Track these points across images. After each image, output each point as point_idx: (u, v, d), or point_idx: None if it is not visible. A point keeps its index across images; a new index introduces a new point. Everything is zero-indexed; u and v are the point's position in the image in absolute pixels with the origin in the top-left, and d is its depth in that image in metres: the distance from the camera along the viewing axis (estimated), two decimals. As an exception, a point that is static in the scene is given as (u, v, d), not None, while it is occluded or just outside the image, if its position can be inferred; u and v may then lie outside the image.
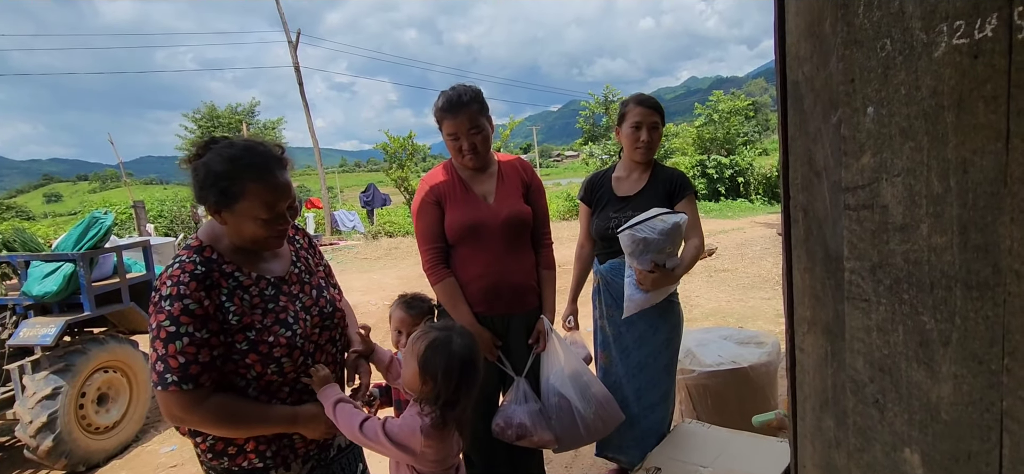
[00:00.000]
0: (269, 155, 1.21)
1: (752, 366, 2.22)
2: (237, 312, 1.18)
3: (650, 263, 1.75)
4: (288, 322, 1.24)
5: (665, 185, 1.94)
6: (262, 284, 1.25)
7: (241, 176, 1.17)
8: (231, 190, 1.16)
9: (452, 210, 1.85)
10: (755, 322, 4.58)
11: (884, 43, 0.83)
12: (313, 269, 1.40)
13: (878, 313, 0.88)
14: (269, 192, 1.18)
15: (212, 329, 1.15)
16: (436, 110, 1.83)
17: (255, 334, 1.19)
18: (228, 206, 1.18)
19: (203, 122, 28.66)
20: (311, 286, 1.35)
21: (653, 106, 1.94)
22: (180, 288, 1.13)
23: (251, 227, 1.19)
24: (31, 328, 3.02)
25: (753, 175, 16.82)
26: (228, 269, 1.21)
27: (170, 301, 1.12)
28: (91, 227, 3.18)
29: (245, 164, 1.17)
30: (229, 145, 1.21)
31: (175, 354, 1.11)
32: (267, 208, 1.18)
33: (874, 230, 0.87)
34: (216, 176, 1.17)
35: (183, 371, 1.12)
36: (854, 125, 0.88)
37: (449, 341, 1.29)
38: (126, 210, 12.19)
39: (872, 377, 0.91)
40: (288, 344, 1.23)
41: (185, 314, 1.12)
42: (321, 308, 1.33)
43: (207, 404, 1.14)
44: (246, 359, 1.19)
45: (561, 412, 1.82)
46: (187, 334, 1.12)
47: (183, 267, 1.16)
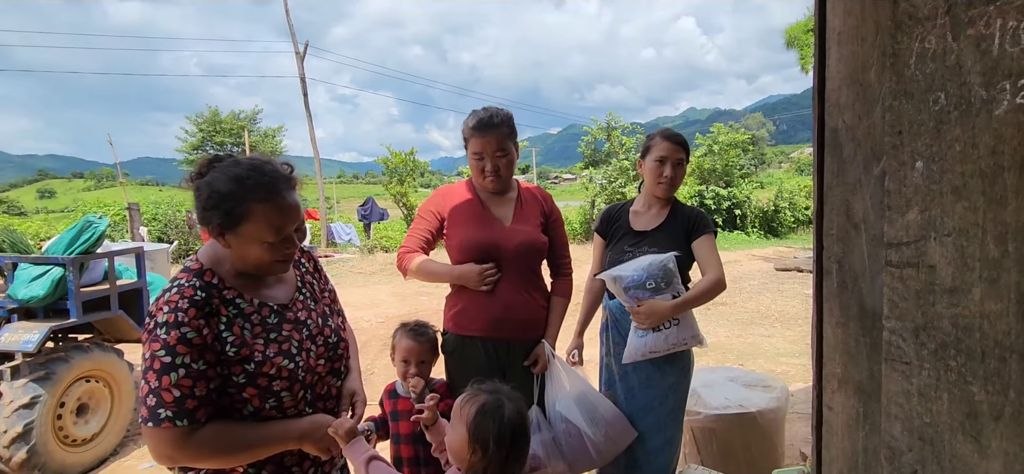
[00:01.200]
0: (277, 175, 1.14)
1: (760, 411, 2.15)
2: (235, 343, 1.10)
3: (634, 300, 1.74)
4: (291, 352, 1.16)
5: (684, 223, 1.90)
6: (264, 311, 1.17)
7: (247, 197, 1.09)
8: (236, 212, 1.09)
9: (466, 227, 1.82)
10: (755, 360, 4.52)
11: (938, 96, 0.79)
12: (318, 296, 1.32)
13: (920, 378, 0.83)
14: (276, 214, 1.11)
15: (209, 360, 1.06)
16: (465, 128, 1.82)
17: (254, 366, 1.11)
18: (232, 229, 1.10)
19: (205, 126, 28.66)
20: (316, 313, 1.27)
21: (680, 142, 1.91)
22: (178, 315, 1.05)
23: (256, 251, 1.12)
24: (13, 333, 2.91)
25: (750, 208, 16.92)
26: (229, 295, 1.13)
27: (167, 329, 1.04)
28: (84, 231, 3.10)
29: (252, 184, 1.10)
30: (234, 164, 1.13)
31: (169, 387, 1.03)
32: (274, 231, 1.11)
33: (919, 290, 0.82)
34: (220, 197, 1.09)
35: (178, 405, 1.03)
36: (900, 179, 0.84)
37: (500, 406, 1.21)
38: (120, 211, 12.05)
39: (911, 445, 0.86)
40: (289, 376, 1.15)
41: (182, 343, 1.04)
42: (326, 337, 1.25)
43: (200, 435, 1.06)
44: (243, 392, 1.11)
45: (570, 438, 1.77)
46: (184, 365, 1.03)
47: (182, 292, 1.08)
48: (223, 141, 28.81)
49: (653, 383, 1.86)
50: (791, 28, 11.83)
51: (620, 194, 15.68)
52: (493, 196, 1.87)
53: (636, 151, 17.75)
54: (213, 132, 28.69)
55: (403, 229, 15.38)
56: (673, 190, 1.90)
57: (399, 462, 1.81)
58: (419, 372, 1.80)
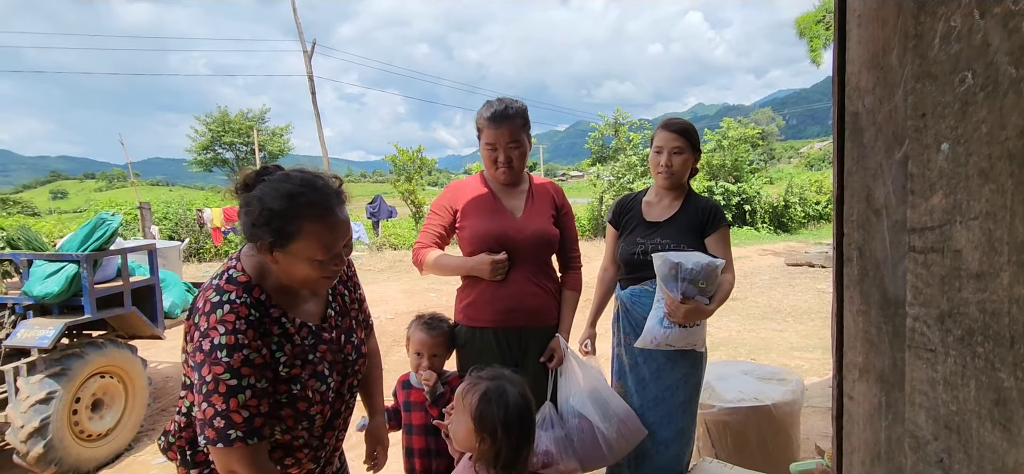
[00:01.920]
0: (329, 191, 1.11)
1: (776, 404, 2.12)
2: (287, 363, 1.10)
3: (680, 293, 1.67)
4: (323, 374, 1.17)
5: (698, 215, 1.87)
6: (304, 332, 1.16)
7: (299, 215, 1.06)
8: (287, 230, 1.06)
9: (477, 219, 1.82)
10: (768, 355, 4.49)
11: (964, 77, 0.77)
12: (347, 309, 1.31)
13: (946, 365, 0.81)
14: (328, 232, 1.08)
15: (269, 378, 1.07)
16: (479, 118, 1.81)
17: (298, 388, 1.11)
18: (283, 246, 1.07)
19: (214, 126, 28.89)
20: (341, 330, 1.26)
21: (678, 130, 1.87)
22: (238, 337, 1.03)
23: (304, 269, 1.09)
24: (29, 329, 2.95)
25: (760, 203, 16.78)
26: (275, 313, 1.12)
27: (229, 352, 1.02)
28: (98, 228, 3.13)
29: (304, 202, 1.06)
30: (285, 178, 1.10)
31: (238, 408, 1.02)
32: (325, 249, 1.08)
33: (944, 276, 0.80)
34: (272, 214, 1.05)
35: (248, 425, 1.03)
36: (924, 163, 0.82)
37: (502, 392, 1.19)
38: (131, 210, 12.18)
39: (936, 434, 0.84)
40: (321, 399, 1.15)
41: (246, 365, 1.03)
42: (346, 355, 1.25)
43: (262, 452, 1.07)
44: (281, 411, 1.11)
45: (582, 434, 1.75)
46: (250, 387, 1.03)
47: (237, 312, 1.05)
48: (232, 141, 29.05)
49: (664, 375, 1.84)
50: (801, 18, 11.69)
51: (628, 190, 15.59)
52: (505, 188, 1.87)
53: (644, 147, 17.71)
54: (222, 132, 28.92)
55: (411, 226, 15.41)
56: (675, 179, 1.87)
57: (411, 452, 1.81)
58: (432, 364, 1.80)
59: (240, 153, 29.58)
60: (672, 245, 1.82)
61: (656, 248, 1.84)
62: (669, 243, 1.83)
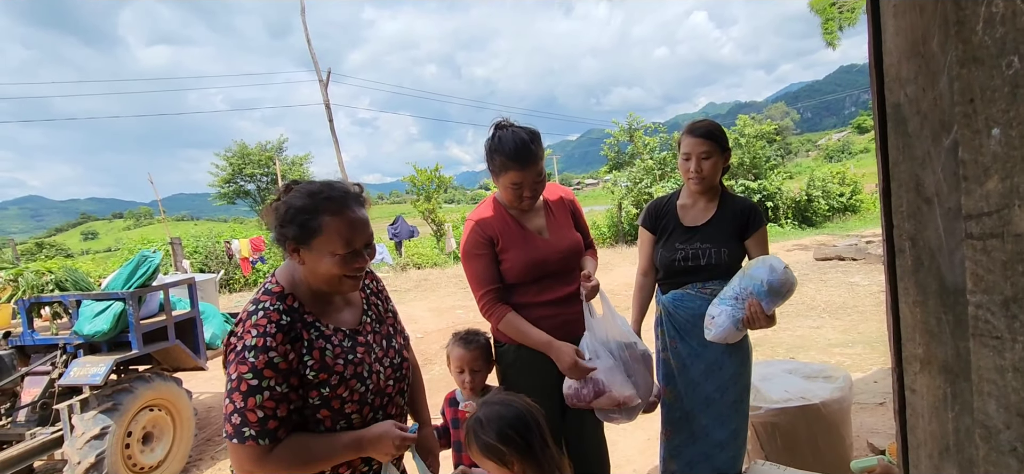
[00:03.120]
0: (346, 191, 1.21)
1: (824, 402, 2.08)
2: (314, 367, 1.16)
3: (773, 308, 1.65)
4: (362, 375, 1.22)
5: (738, 217, 1.86)
6: (339, 336, 1.23)
7: (319, 210, 1.16)
8: (310, 224, 1.16)
9: (512, 251, 1.79)
10: (807, 352, 4.39)
11: (1011, 60, 0.77)
12: (383, 317, 1.37)
13: (1014, 352, 0.80)
14: (346, 226, 1.17)
15: (293, 384, 1.13)
16: (497, 158, 1.72)
17: (329, 390, 1.17)
18: (306, 242, 1.17)
19: (234, 160, 29.62)
20: (381, 336, 1.32)
21: (703, 134, 1.85)
22: (267, 340, 1.11)
23: (327, 264, 1.17)
24: (81, 368, 3.06)
25: (782, 199, 16.49)
26: (309, 319, 1.19)
27: (255, 353, 1.10)
28: (141, 265, 3.25)
29: (323, 198, 1.17)
30: (309, 182, 1.22)
31: (255, 408, 1.09)
32: (344, 242, 1.17)
33: (1005, 260, 0.79)
34: (296, 210, 1.16)
35: (262, 425, 1.10)
36: (976, 148, 0.82)
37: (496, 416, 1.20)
38: (162, 246, 12.54)
39: (1008, 423, 0.82)
40: (360, 399, 1.21)
41: (269, 368, 1.10)
42: (391, 359, 1.31)
43: (277, 451, 1.12)
44: (317, 414, 1.17)
45: (635, 364, 1.69)
46: (268, 388, 1.10)
47: (269, 316, 1.14)
48: (253, 172, 29.71)
49: (713, 374, 1.83)
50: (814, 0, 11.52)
51: (647, 194, 15.49)
52: (524, 211, 1.85)
53: (660, 150, 17.60)
54: (242, 165, 29.62)
55: (433, 244, 15.53)
56: (707, 183, 1.86)
57: None
58: (473, 380, 1.82)
59: (261, 184, 30.24)
60: (713, 249, 1.82)
61: (697, 253, 1.83)
62: (710, 247, 1.82)
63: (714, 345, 1.79)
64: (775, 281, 1.62)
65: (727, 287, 1.73)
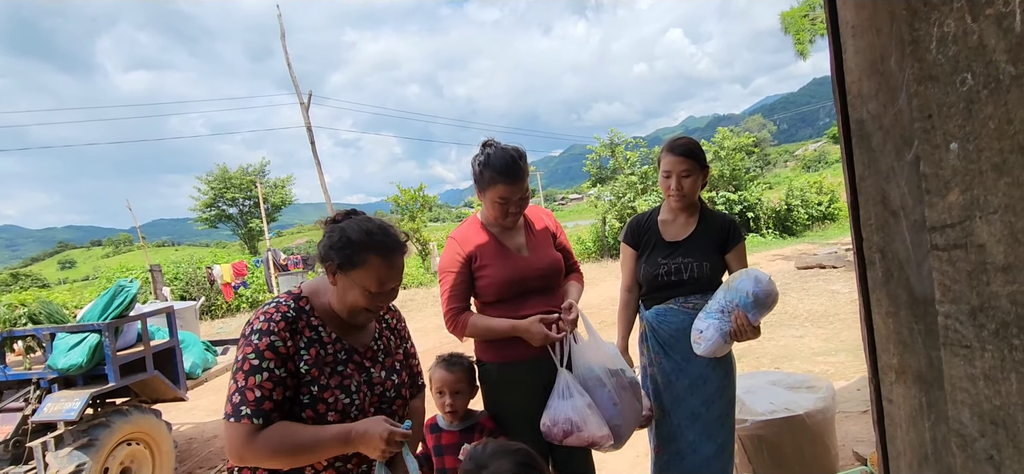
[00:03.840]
0: (397, 240, 1.31)
1: (808, 413, 2.10)
2: (309, 362, 1.22)
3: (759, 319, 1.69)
4: (349, 389, 1.27)
5: (718, 231, 1.89)
6: (338, 347, 1.29)
7: (368, 248, 1.25)
8: (355, 258, 1.24)
9: (491, 268, 1.82)
10: (791, 362, 4.43)
11: (964, 77, 0.80)
12: (392, 350, 1.43)
13: (984, 360, 0.81)
14: (386, 270, 1.26)
15: (289, 370, 1.20)
16: (487, 173, 1.75)
17: (317, 390, 1.22)
18: (346, 270, 1.25)
19: (216, 183, 29.28)
20: (382, 366, 1.37)
21: (684, 152, 1.86)
22: (270, 325, 1.20)
23: (355, 295, 1.25)
24: (55, 403, 2.96)
25: (762, 210, 16.77)
26: (314, 322, 1.27)
27: (259, 336, 1.18)
28: (117, 295, 3.17)
29: (377, 240, 1.26)
30: (368, 220, 1.31)
31: (254, 387, 1.16)
32: (378, 283, 1.25)
33: (970, 271, 0.81)
34: (348, 241, 1.25)
35: (258, 405, 1.15)
36: (936, 162, 0.84)
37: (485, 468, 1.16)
38: (141, 273, 12.27)
39: (983, 431, 0.84)
40: (343, 410, 1.24)
41: (270, 350, 1.17)
42: (384, 390, 1.35)
43: (266, 432, 1.16)
44: (303, 413, 1.22)
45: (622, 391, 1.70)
46: (267, 370, 1.17)
47: (278, 307, 1.24)
48: (235, 196, 29.37)
49: (698, 389, 1.84)
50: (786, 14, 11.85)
51: (631, 208, 15.64)
52: (505, 229, 1.88)
53: (641, 164, 17.84)
54: (224, 189, 29.27)
55: (418, 264, 15.45)
56: (686, 200, 1.89)
57: None
58: (454, 403, 1.80)
59: (243, 207, 29.88)
60: (695, 263, 1.84)
61: (680, 268, 1.85)
62: (692, 262, 1.84)
63: (698, 360, 1.80)
64: (760, 292, 1.64)
65: (712, 301, 1.75)
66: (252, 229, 28.97)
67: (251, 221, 29.15)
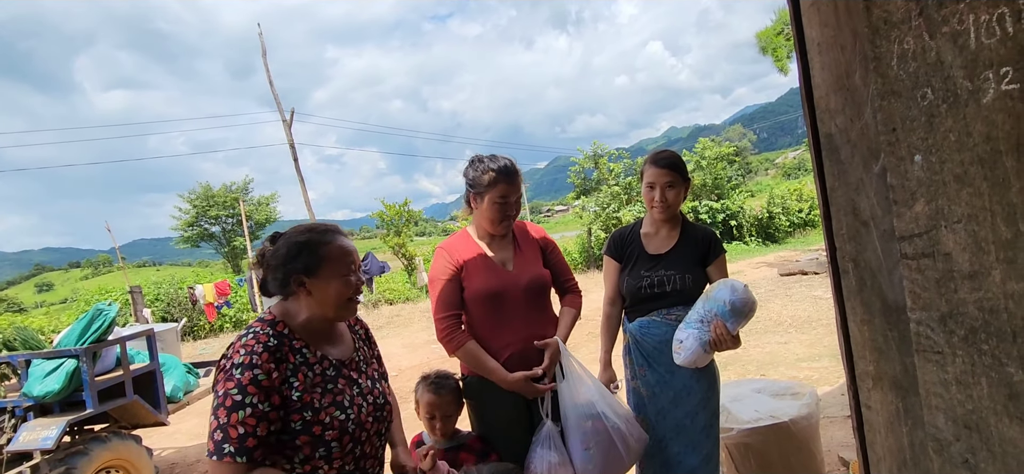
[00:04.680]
0: (331, 226, 1.36)
1: (793, 420, 2.12)
2: (300, 388, 1.20)
3: (738, 328, 1.70)
4: (344, 405, 1.25)
5: (699, 244, 1.92)
6: (325, 364, 1.27)
7: (320, 241, 1.28)
8: (316, 254, 1.26)
9: (473, 278, 1.84)
10: (776, 368, 4.48)
11: (924, 92, 0.83)
12: (368, 360, 1.43)
13: (955, 365, 0.83)
14: (346, 251, 1.30)
15: (274, 403, 1.16)
16: (487, 174, 1.81)
17: (311, 414, 1.19)
18: (315, 270, 1.26)
19: (198, 202, 28.87)
20: (366, 375, 1.38)
21: (668, 165, 1.90)
22: (252, 358, 1.15)
23: (337, 286, 1.26)
24: (31, 431, 2.87)
25: (745, 218, 17.02)
26: (297, 345, 1.25)
27: (241, 370, 1.14)
28: (95, 319, 3.10)
29: (320, 231, 1.30)
30: (295, 228, 1.33)
31: (236, 424, 1.11)
32: (347, 265, 1.29)
33: (938, 279, 0.84)
34: (300, 247, 1.27)
35: (240, 442, 1.11)
36: (902, 173, 0.87)
37: None
38: (121, 295, 12.01)
39: (957, 435, 0.86)
40: (340, 428, 1.22)
41: (253, 384, 1.13)
42: (375, 398, 1.35)
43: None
44: (297, 439, 1.18)
45: (598, 436, 1.71)
46: (251, 405, 1.12)
47: (258, 338, 1.19)
48: (218, 214, 28.97)
49: (682, 401, 1.84)
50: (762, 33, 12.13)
51: (615, 218, 15.77)
52: (493, 242, 1.89)
53: (625, 175, 18.03)
54: (207, 207, 28.87)
55: (404, 279, 15.34)
56: (670, 211, 1.91)
57: None
58: (445, 426, 1.79)
59: (226, 225, 29.47)
60: (677, 275, 1.86)
61: (662, 280, 1.86)
62: (675, 274, 1.86)
63: (682, 371, 1.81)
64: (737, 300, 1.67)
65: (691, 311, 1.77)
66: (236, 247, 28.53)
67: (234, 239, 28.73)
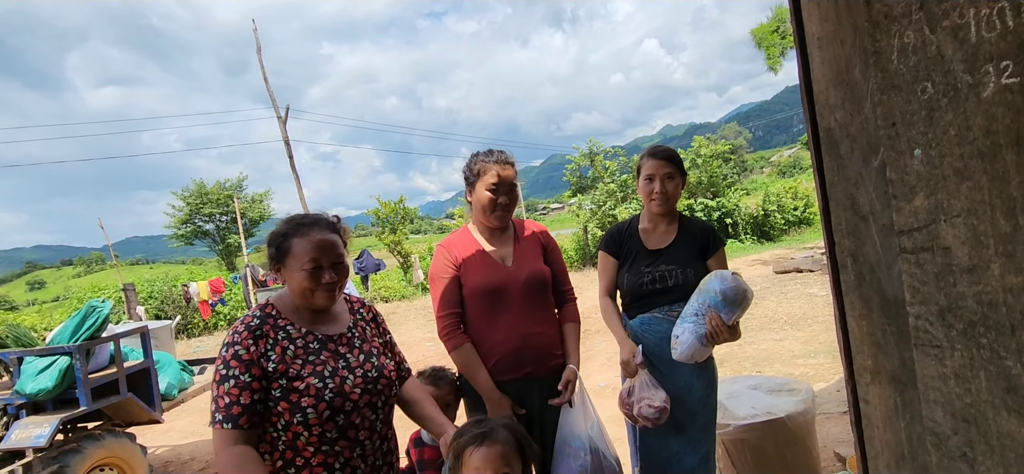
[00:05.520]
0: (317, 218, 1.41)
1: (789, 415, 2.13)
2: (275, 359, 1.30)
3: (733, 319, 1.69)
4: (322, 374, 1.32)
5: (698, 238, 1.91)
6: (309, 338, 1.36)
7: (289, 233, 1.36)
8: (283, 245, 1.36)
9: (472, 274, 1.84)
10: (772, 365, 4.50)
11: (925, 86, 0.83)
12: (369, 338, 1.49)
13: (954, 359, 0.84)
14: (311, 246, 1.34)
15: (254, 374, 1.27)
16: (479, 161, 1.86)
17: (286, 382, 1.29)
18: (282, 260, 1.37)
19: (192, 199, 28.69)
20: (361, 351, 1.43)
21: (666, 157, 1.90)
22: (235, 337, 1.30)
23: (298, 278, 1.34)
24: (24, 429, 2.84)
25: (740, 216, 17.07)
26: (282, 323, 1.36)
27: (227, 347, 1.29)
28: (88, 317, 3.07)
29: (294, 224, 1.38)
30: (289, 216, 1.42)
31: (223, 395, 1.25)
32: (309, 260, 1.33)
33: (937, 273, 0.84)
34: (274, 236, 1.38)
35: (227, 410, 1.24)
36: (901, 168, 0.87)
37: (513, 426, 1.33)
38: (115, 293, 11.93)
39: (955, 428, 0.86)
40: (317, 395, 1.29)
41: (235, 359, 1.26)
42: (366, 372, 1.40)
43: (232, 448, 1.22)
44: (278, 406, 1.28)
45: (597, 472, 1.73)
46: (233, 377, 1.25)
47: (244, 320, 1.34)
48: (211, 211, 28.79)
49: (683, 400, 1.83)
50: (757, 29, 12.18)
51: (611, 216, 15.78)
52: (493, 237, 1.89)
53: (621, 173, 18.05)
54: (200, 204, 28.68)
55: (400, 277, 15.32)
56: (669, 204, 1.90)
57: None
58: None
59: (221, 223, 29.29)
60: (679, 270, 1.85)
61: (664, 275, 1.85)
62: (676, 269, 1.86)
63: (682, 369, 1.81)
64: (727, 289, 1.67)
65: (686, 306, 1.76)
66: (230, 245, 28.37)
67: (229, 237, 28.57)
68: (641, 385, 1.80)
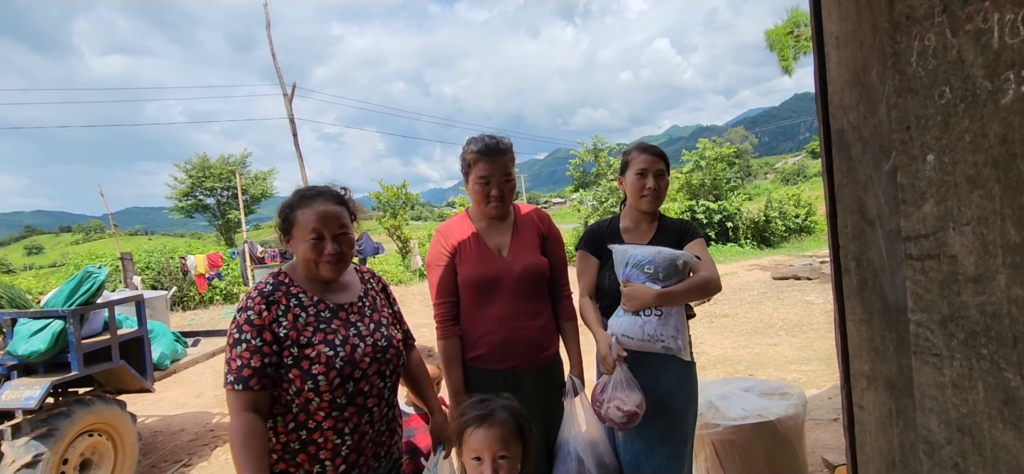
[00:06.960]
0: (322, 190, 1.43)
1: (780, 419, 2.13)
2: (287, 326, 1.33)
3: (624, 277, 1.74)
4: (333, 342, 1.35)
5: (676, 233, 1.89)
6: (320, 307, 1.39)
7: (295, 206, 1.39)
8: (289, 217, 1.39)
9: (465, 264, 1.82)
10: (765, 369, 4.51)
11: (942, 91, 0.81)
12: (379, 307, 1.52)
13: (953, 369, 0.83)
14: (313, 217, 1.37)
15: (266, 338, 1.30)
16: (469, 153, 1.81)
17: (298, 350, 1.32)
18: (288, 231, 1.40)
19: (194, 172, 28.62)
20: (371, 320, 1.46)
21: (658, 153, 1.87)
22: (248, 301, 1.34)
23: (302, 248, 1.37)
24: (14, 391, 2.84)
25: (742, 220, 17.05)
26: (294, 291, 1.39)
27: (240, 312, 1.32)
28: (84, 282, 3.06)
29: (301, 195, 1.41)
30: (297, 189, 1.45)
31: (236, 357, 1.29)
32: (311, 230, 1.36)
33: (942, 281, 0.83)
34: (282, 207, 1.42)
35: (238, 373, 1.28)
36: (913, 173, 0.85)
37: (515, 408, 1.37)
38: (112, 262, 11.92)
39: (949, 438, 0.85)
40: (327, 363, 1.32)
41: (247, 323, 1.30)
42: (375, 341, 1.43)
43: (242, 415, 1.25)
44: (289, 373, 1.31)
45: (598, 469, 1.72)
46: (245, 341, 1.29)
47: (258, 288, 1.37)
48: (213, 186, 28.74)
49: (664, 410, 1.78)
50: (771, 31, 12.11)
51: (613, 213, 15.69)
52: (490, 226, 1.86)
53: (620, 170, 17.92)
54: (202, 178, 28.63)
55: (398, 261, 15.32)
56: (658, 202, 1.87)
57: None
58: None
59: (222, 198, 29.25)
60: None
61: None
62: None
63: (664, 377, 1.77)
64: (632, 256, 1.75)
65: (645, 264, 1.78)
66: (230, 220, 28.34)
67: (229, 212, 28.52)
68: (616, 383, 1.72)
